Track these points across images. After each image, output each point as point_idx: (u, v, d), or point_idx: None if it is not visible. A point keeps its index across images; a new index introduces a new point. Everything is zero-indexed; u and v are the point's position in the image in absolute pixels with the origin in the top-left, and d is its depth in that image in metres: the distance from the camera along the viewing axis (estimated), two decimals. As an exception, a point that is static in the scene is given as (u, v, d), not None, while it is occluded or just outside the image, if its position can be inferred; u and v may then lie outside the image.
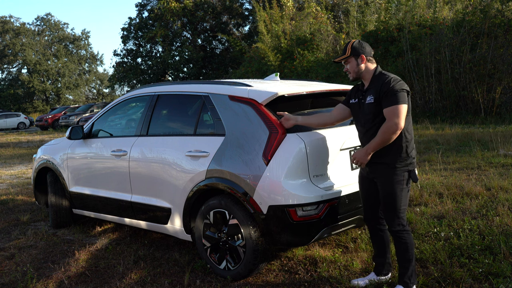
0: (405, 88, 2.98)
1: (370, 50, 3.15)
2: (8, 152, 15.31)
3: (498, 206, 4.73)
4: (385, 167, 3.02)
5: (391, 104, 2.93)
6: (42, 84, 56.20)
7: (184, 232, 3.86)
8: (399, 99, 2.92)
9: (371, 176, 3.15)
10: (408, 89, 3.00)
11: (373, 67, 3.14)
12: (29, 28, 58.83)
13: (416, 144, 9.55)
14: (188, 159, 3.74)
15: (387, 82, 2.97)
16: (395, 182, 3.00)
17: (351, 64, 3.15)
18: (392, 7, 17.83)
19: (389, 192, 3.03)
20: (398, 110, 2.91)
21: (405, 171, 3.01)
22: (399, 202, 3.01)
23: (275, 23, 21.97)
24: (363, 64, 3.12)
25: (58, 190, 5.14)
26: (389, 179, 3.01)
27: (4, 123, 34.25)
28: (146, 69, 34.44)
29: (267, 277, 3.56)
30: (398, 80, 3.00)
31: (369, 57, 3.13)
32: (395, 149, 2.99)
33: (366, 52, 3.12)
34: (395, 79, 3.00)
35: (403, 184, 3.01)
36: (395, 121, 2.90)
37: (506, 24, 14.12)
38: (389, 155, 3.00)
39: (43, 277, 3.83)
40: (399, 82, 2.98)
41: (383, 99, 2.97)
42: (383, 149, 2.99)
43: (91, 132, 4.90)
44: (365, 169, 3.19)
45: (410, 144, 3.02)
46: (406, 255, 3.06)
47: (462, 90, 14.37)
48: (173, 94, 4.27)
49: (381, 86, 2.99)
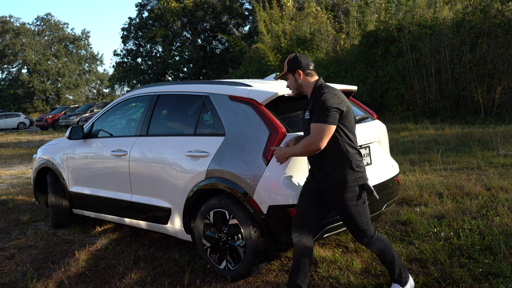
0: (338, 106, 2.81)
1: (307, 63, 3.01)
2: (8, 152, 15.31)
3: (498, 206, 4.73)
4: (335, 182, 2.90)
5: (318, 121, 2.80)
6: (42, 84, 56.22)
7: (184, 232, 3.86)
8: (327, 118, 2.78)
9: (318, 184, 2.99)
10: (342, 108, 2.82)
11: (313, 80, 3.01)
12: (29, 28, 58.88)
13: (416, 144, 9.57)
14: (188, 159, 3.74)
15: (320, 97, 2.84)
16: (347, 199, 2.88)
17: (290, 81, 3.07)
18: (392, 7, 17.83)
19: (343, 210, 2.92)
20: (322, 129, 2.78)
21: (355, 186, 2.88)
22: (357, 218, 2.91)
23: (275, 23, 21.98)
24: (301, 79, 3.02)
25: (58, 190, 5.14)
26: (340, 196, 2.89)
27: (4, 123, 34.26)
28: (146, 69, 34.46)
29: (267, 277, 3.56)
30: (333, 96, 2.84)
31: (307, 70, 3.01)
32: (339, 165, 2.88)
33: (302, 66, 2.99)
34: (329, 94, 2.84)
35: (355, 200, 2.88)
36: (316, 139, 2.79)
37: (506, 24, 14.12)
38: (332, 165, 2.90)
39: (43, 277, 3.83)
40: (333, 99, 2.82)
41: (314, 113, 2.85)
42: (327, 158, 2.90)
43: (91, 132, 4.90)
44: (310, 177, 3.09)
45: (355, 157, 2.89)
46: (386, 259, 3.04)
47: (462, 90, 14.37)
48: (173, 94, 4.27)
49: (315, 101, 2.87)
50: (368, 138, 3.81)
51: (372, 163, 3.82)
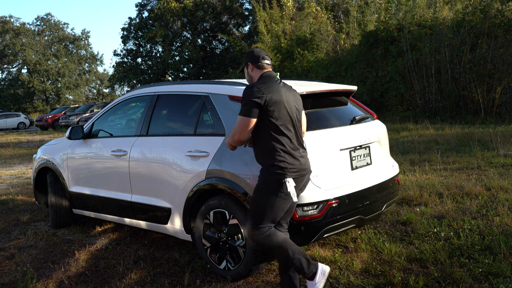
0: (255, 100, 2.84)
1: (258, 57, 3.04)
2: (8, 152, 15.31)
3: (498, 206, 4.73)
4: (261, 173, 2.98)
5: (239, 113, 2.92)
6: (42, 84, 56.21)
7: (184, 232, 3.86)
8: (243, 110, 2.88)
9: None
10: (259, 102, 2.83)
11: (259, 74, 3.06)
12: (29, 28, 58.84)
13: (416, 144, 9.57)
14: (188, 159, 3.74)
15: (244, 90, 2.95)
16: (263, 189, 2.93)
17: (245, 73, 3.17)
18: (392, 7, 17.83)
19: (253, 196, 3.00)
20: (239, 121, 2.90)
21: (276, 181, 2.88)
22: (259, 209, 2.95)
23: (275, 23, 21.98)
24: (252, 72, 3.08)
25: (58, 190, 5.14)
26: (260, 184, 2.97)
27: (4, 123, 34.25)
28: (146, 69, 34.44)
29: (267, 277, 3.56)
30: (253, 89, 2.87)
31: (258, 63, 3.04)
32: (264, 158, 2.94)
33: (253, 59, 3.05)
34: (250, 88, 2.90)
35: (272, 194, 2.89)
36: (234, 131, 2.94)
37: (506, 24, 14.11)
38: (259, 158, 2.99)
39: (43, 277, 3.83)
40: (251, 92, 2.86)
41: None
42: (256, 151, 3.02)
43: (91, 132, 4.90)
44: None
45: (280, 153, 2.88)
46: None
47: (462, 90, 14.37)
48: (173, 94, 4.27)
49: None
50: (368, 138, 3.81)
51: (372, 163, 3.82)
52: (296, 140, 2.97)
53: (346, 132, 3.65)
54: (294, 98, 3.03)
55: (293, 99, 3.01)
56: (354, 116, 3.88)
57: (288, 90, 3.03)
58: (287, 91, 3.01)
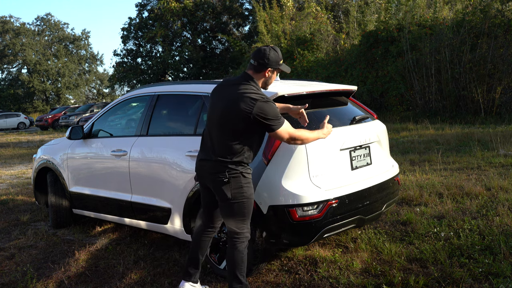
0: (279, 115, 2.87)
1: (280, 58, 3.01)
2: (8, 152, 15.31)
3: (498, 206, 4.73)
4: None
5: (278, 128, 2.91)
6: (42, 84, 56.21)
7: (184, 232, 3.86)
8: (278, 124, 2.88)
9: None
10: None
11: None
12: (29, 28, 58.83)
13: (416, 144, 9.57)
14: (188, 159, 3.74)
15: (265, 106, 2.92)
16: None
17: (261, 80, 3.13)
18: (392, 7, 17.84)
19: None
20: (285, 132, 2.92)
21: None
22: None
23: (275, 23, 22.00)
24: (271, 78, 3.06)
25: (58, 190, 5.14)
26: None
27: (4, 123, 34.24)
28: (146, 69, 34.46)
29: (267, 277, 3.55)
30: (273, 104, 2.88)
31: (278, 67, 3.02)
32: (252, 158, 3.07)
33: (277, 62, 2.98)
34: (270, 104, 2.87)
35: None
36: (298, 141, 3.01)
37: (506, 24, 14.12)
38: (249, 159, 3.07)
39: (43, 277, 3.83)
40: (274, 107, 2.87)
41: None
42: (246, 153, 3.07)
43: (91, 132, 4.90)
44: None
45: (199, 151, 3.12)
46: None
47: (462, 90, 14.37)
48: (173, 94, 4.27)
49: None
50: (368, 138, 3.81)
51: (372, 163, 3.82)
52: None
53: (346, 132, 3.65)
54: None
55: None
56: (354, 116, 3.88)
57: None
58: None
